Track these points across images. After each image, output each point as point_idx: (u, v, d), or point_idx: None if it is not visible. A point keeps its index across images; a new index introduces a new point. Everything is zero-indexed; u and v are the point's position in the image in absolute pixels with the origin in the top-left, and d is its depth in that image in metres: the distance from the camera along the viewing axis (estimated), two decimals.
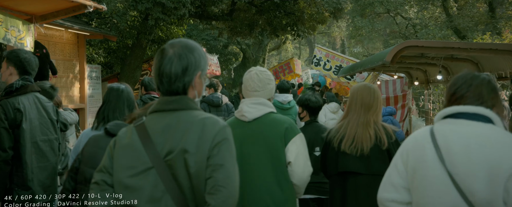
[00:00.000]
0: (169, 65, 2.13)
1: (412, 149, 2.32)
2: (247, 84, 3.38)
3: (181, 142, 2.06)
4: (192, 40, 2.28)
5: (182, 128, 2.09)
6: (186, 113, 2.14)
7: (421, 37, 20.62)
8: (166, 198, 2.04)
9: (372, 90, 3.83)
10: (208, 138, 2.06)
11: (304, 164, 3.26)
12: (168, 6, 10.35)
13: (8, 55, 4.03)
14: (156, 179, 2.06)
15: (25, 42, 7.26)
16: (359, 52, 39.48)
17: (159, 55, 2.18)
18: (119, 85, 3.76)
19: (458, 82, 2.33)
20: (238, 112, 3.37)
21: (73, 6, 7.75)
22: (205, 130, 2.07)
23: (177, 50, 2.16)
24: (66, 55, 10.39)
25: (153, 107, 2.20)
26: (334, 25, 33.47)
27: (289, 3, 13.59)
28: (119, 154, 2.16)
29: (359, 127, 3.73)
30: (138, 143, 2.12)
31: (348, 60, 15.89)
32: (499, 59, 7.80)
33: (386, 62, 7.38)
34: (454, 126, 2.23)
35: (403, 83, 12.22)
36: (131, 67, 12.28)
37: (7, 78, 4.01)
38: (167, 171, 2.05)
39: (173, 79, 2.13)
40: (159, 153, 2.08)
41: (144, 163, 2.08)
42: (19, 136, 3.83)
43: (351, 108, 3.83)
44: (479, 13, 21.15)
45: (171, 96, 2.16)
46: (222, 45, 26.58)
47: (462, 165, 2.11)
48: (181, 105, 2.15)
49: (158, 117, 2.17)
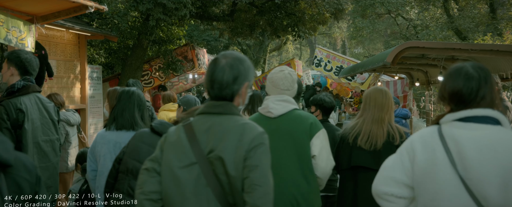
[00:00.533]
0: (221, 74, 2.37)
1: (421, 149, 2.28)
2: (280, 83, 3.59)
3: (222, 143, 2.32)
4: (241, 53, 2.54)
5: (224, 130, 2.35)
6: (229, 117, 2.40)
7: (422, 38, 20.61)
8: (207, 190, 2.29)
9: (384, 92, 4.18)
10: (246, 142, 2.30)
11: (327, 158, 3.52)
12: (169, 7, 10.35)
13: (9, 55, 4.04)
14: (199, 173, 2.31)
15: (26, 43, 7.26)
16: (360, 53, 39.48)
17: (213, 64, 2.42)
18: (130, 88, 4.01)
19: (460, 79, 2.26)
20: (264, 108, 3.59)
21: (74, 7, 7.75)
22: (244, 134, 2.33)
23: (229, 61, 2.40)
24: (67, 55, 10.39)
25: (201, 109, 2.47)
26: (335, 26, 33.45)
27: (290, 4, 13.58)
28: (168, 149, 2.43)
29: (374, 124, 4.05)
30: (185, 140, 2.39)
31: (349, 61, 15.90)
32: (500, 60, 7.81)
33: (387, 63, 7.39)
34: (464, 130, 2.19)
35: (404, 84, 12.22)
36: (132, 67, 12.27)
37: (8, 79, 4.02)
38: (208, 167, 2.31)
39: (223, 86, 2.38)
40: (203, 150, 2.34)
41: (189, 158, 2.35)
42: (21, 136, 3.85)
43: (366, 108, 4.17)
44: (480, 14, 21.13)
45: (218, 101, 2.42)
46: (223, 45, 26.61)
47: (475, 170, 2.09)
48: (225, 109, 2.41)
49: (204, 118, 2.43)
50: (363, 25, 23.61)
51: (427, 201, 2.22)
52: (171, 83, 16.35)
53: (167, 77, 14.08)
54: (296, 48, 44.57)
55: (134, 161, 3.33)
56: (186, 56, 13.92)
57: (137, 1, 10.37)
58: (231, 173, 2.27)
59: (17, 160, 1.87)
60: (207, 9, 13.40)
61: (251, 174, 2.27)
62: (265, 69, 30.19)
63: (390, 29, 29.06)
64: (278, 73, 3.64)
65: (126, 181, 3.34)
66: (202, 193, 2.30)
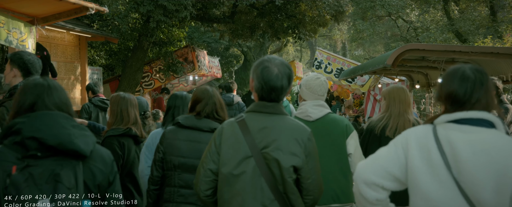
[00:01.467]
0: (279, 82, 2.68)
1: (416, 148, 2.26)
2: (318, 89, 3.95)
3: (275, 140, 2.64)
4: (281, 58, 2.85)
5: (277, 129, 2.68)
6: (281, 117, 2.73)
7: (423, 40, 20.62)
8: (261, 180, 2.62)
9: (405, 89, 4.68)
10: (298, 142, 2.66)
11: (360, 156, 3.87)
12: (170, 9, 10.37)
13: (12, 57, 4.04)
14: (254, 166, 2.63)
15: (26, 44, 7.27)
16: (361, 55, 39.46)
17: (266, 72, 2.69)
18: (182, 92, 4.42)
19: (456, 80, 2.27)
20: (302, 112, 3.94)
21: (74, 8, 7.77)
22: (296, 133, 2.68)
23: (281, 68, 2.71)
24: (67, 57, 10.41)
25: (251, 108, 2.77)
26: (335, 28, 33.43)
27: (291, 6, 13.58)
28: (225, 143, 2.73)
29: (401, 117, 4.54)
30: (240, 135, 2.69)
31: (349, 63, 15.88)
32: (500, 63, 7.81)
33: (387, 66, 7.39)
34: (459, 132, 2.19)
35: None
36: (132, 69, 12.29)
37: (11, 80, 4.02)
38: (262, 161, 2.63)
39: (280, 92, 2.71)
40: (257, 145, 2.65)
41: (245, 152, 2.65)
42: None
43: (391, 104, 4.61)
44: (480, 16, 21.13)
45: (269, 102, 2.73)
46: (223, 47, 26.61)
47: (469, 173, 2.09)
48: (276, 110, 2.73)
49: (256, 116, 2.73)
50: (364, 27, 23.58)
51: (421, 201, 2.22)
52: (172, 85, 16.36)
53: (167, 79, 14.09)
54: (296, 50, 44.59)
55: (178, 157, 3.62)
56: (187, 58, 13.93)
57: (138, 2, 10.38)
58: (283, 167, 2.61)
59: (95, 152, 2.21)
60: (207, 11, 13.41)
61: (305, 166, 2.67)
62: None
63: (390, 31, 29.05)
64: (315, 80, 3.99)
65: (175, 175, 3.63)
66: (256, 182, 2.63)
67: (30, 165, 2.01)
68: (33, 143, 2.03)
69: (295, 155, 2.63)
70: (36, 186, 1.99)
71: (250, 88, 2.88)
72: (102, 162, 2.22)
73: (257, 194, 2.63)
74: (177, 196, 3.60)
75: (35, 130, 2.06)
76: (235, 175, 2.65)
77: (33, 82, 2.28)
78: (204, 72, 15.11)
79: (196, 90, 3.79)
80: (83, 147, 2.11)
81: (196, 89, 3.81)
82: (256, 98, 2.80)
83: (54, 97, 2.26)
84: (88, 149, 2.13)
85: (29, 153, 2.03)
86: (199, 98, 3.71)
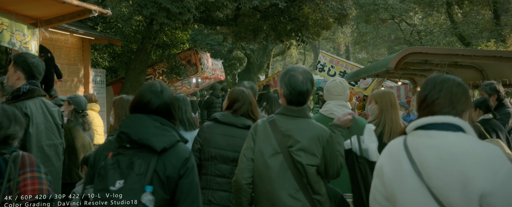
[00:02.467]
0: (305, 87, 3.19)
1: (388, 162, 2.31)
2: (333, 90, 4.46)
3: (299, 141, 3.15)
4: (304, 66, 3.41)
5: (301, 131, 3.19)
6: (304, 120, 3.24)
7: (426, 43, 20.59)
8: (288, 173, 3.15)
9: (393, 93, 4.92)
10: (320, 139, 3.18)
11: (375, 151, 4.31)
12: (173, 11, 10.38)
13: (16, 59, 4.03)
14: (282, 161, 3.15)
15: (30, 46, 7.29)
16: (364, 58, 39.42)
17: (292, 79, 3.20)
18: (180, 94, 4.83)
19: (428, 87, 2.30)
20: (327, 110, 4.40)
21: (78, 11, 7.78)
22: (317, 133, 3.19)
23: (305, 75, 3.22)
24: (71, 59, 10.43)
25: (280, 111, 3.29)
26: (338, 31, 33.39)
27: (294, 9, 13.57)
28: (259, 140, 3.26)
29: (394, 122, 4.72)
30: (271, 134, 3.22)
31: (352, 66, 15.90)
32: (503, 66, 7.80)
33: (390, 69, 7.39)
34: (425, 138, 2.20)
35: (407, 89, 12.21)
36: (135, 71, 12.30)
37: (14, 83, 4.01)
38: (289, 157, 3.15)
39: (305, 96, 3.21)
40: (285, 143, 3.17)
41: (275, 149, 3.18)
42: (25, 140, 3.83)
43: (384, 108, 4.76)
44: (483, 20, 21.11)
45: (295, 106, 3.24)
46: (227, 50, 26.61)
47: (438, 178, 2.09)
48: (301, 114, 3.24)
49: (284, 118, 3.25)
50: (367, 30, 23.58)
51: None
52: (175, 87, 16.38)
53: (170, 81, 14.11)
54: (300, 53, 44.55)
55: (215, 149, 4.05)
56: (190, 60, 13.95)
57: (141, 5, 10.40)
58: (308, 162, 3.12)
59: (173, 149, 2.67)
60: (211, 13, 13.41)
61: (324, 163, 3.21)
62: (268, 74, 30.16)
63: (394, 34, 29.03)
64: (331, 82, 4.52)
65: (212, 165, 4.06)
66: (284, 175, 3.14)
67: (120, 153, 2.60)
68: (124, 136, 2.64)
69: (315, 156, 3.15)
70: (119, 169, 2.52)
71: (279, 95, 3.42)
72: (175, 158, 2.66)
73: (284, 185, 3.14)
74: (213, 184, 4.02)
75: (125, 126, 2.67)
76: (266, 167, 3.17)
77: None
78: (207, 74, 15.12)
79: (233, 92, 4.25)
80: (156, 144, 2.59)
81: (233, 90, 4.27)
82: (284, 102, 3.28)
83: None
84: (160, 146, 2.59)
85: (122, 144, 2.64)
86: (237, 98, 4.19)
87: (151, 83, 2.87)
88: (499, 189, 1.99)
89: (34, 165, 2.74)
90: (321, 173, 3.25)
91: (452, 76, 2.32)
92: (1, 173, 2.63)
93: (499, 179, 2.00)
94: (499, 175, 2.01)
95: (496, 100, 5.77)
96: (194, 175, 2.73)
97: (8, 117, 2.77)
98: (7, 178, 2.62)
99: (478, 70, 8.72)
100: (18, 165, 2.67)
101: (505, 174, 2.02)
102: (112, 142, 2.72)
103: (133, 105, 2.81)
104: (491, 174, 2.01)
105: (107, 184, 2.49)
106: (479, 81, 8.52)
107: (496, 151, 2.10)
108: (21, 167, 2.68)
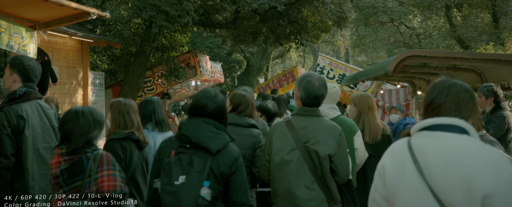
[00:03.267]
0: (321, 92, 3.67)
1: (390, 162, 2.31)
2: (333, 96, 4.78)
3: (314, 136, 3.60)
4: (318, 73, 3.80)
5: (315, 127, 3.64)
6: (318, 119, 3.71)
7: (425, 46, 20.58)
8: (304, 167, 3.59)
9: (371, 96, 5.40)
10: (332, 136, 3.63)
11: (363, 151, 4.78)
12: (172, 14, 10.37)
13: (12, 62, 4.02)
14: (299, 156, 3.59)
15: (28, 49, 7.28)
16: (363, 61, 39.45)
17: (310, 85, 3.65)
18: (152, 97, 5.09)
19: (435, 91, 2.32)
20: (322, 112, 4.69)
21: (76, 14, 7.76)
22: (330, 130, 3.66)
23: (320, 81, 3.69)
24: (69, 62, 10.43)
25: (296, 111, 3.77)
26: (338, 34, 33.42)
27: (293, 12, 13.56)
28: (276, 139, 3.73)
29: (372, 123, 5.25)
30: (287, 132, 3.67)
31: (352, 69, 15.89)
32: (502, 69, 7.80)
33: (389, 72, 7.39)
34: (430, 138, 2.21)
35: (406, 92, 12.21)
36: (134, 74, 12.29)
37: (10, 85, 4.00)
38: (305, 152, 3.59)
39: (321, 98, 3.69)
40: (301, 140, 3.61)
41: (292, 145, 3.63)
42: (21, 143, 3.83)
43: (363, 111, 5.29)
44: (482, 23, 21.11)
45: (309, 107, 3.70)
46: (226, 53, 26.63)
47: (441, 178, 2.10)
48: (314, 113, 3.71)
49: (299, 117, 3.72)
50: (366, 33, 23.55)
51: None
52: (174, 90, 16.37)
53: (169, 84, 14.10)
54: (299, 56, 44.54)
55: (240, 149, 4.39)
56: (189, 63, 13.94)
57: (140, 8, 10.39)
58: (321, 157, 3.56)
59: (226, 149, 3.10)
60: (210, 16, 13.41)
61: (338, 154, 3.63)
62: (268, 76, 30.17)
63: (393, 37, 29.05)
64: (333, 89, 4.78)
65: None
66: (301, 168, 3.58)
67: (181, 152, 3.01)
68: (184, 138, 3.06)
69: (329, 146, 3.58)
70: (181, 166, 2.94)
71: (295, 98, 3.81)
72: (227, 157, 3.08)
73: (301, 177, 3.57)
74: None
75: (185, 130, 3.09)
76: (284, 162, 3.62)
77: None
78: (206, 77, 15.11)
79: (236, 96, 4.69)
80: (212, 146, 3.01)
81: (235, 95, 4.73)
82: (299, 104, 3.73)
83: None
84: (215, 148, 3.01)
85: (182, 144, 3.06)
86: (241, 102, 4.63)
87: (206, 90, 3.29)
88: (502, 190, 2.01)
89: (110, 164, 3.21)
90: (332, 171, 3.65)
91: (460, 82, 2.33)
92: (84, 169, 3.13)
93: (503, 180, 2.02)
94: (503, 177, 2.03)
95: (493, 102, 5.76)
96: (243, 171, 3.16)
97: (89, 122, 3.23)
98: (88, 173, 3.12)
99: (476, 73, 8.72)
100: (97, 162, 3.16)
101: (509, 176, 2.03)
102: (173, 140, 3.17)
103: (191, 108, 3.22)
104: (495, 175, 2.02)
105: (171, 179, 2.91)
106: (477, 84, 8.52)
107: (499, 154, 2.12)
108: (99, 165, 3.16)
